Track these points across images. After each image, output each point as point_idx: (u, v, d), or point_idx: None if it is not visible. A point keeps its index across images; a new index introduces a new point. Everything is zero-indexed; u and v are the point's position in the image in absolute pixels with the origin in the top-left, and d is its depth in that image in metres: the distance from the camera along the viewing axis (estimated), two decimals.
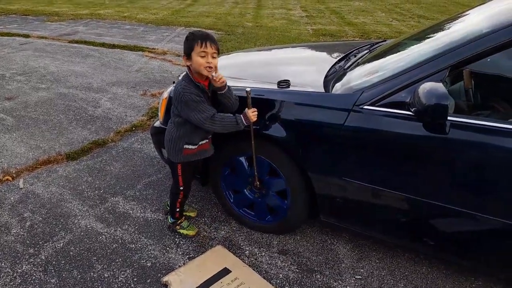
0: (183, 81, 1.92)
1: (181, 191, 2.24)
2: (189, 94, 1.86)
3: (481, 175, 1.62)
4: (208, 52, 1.83)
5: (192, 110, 1.87)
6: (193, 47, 1.84)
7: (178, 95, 1.90)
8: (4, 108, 4.31)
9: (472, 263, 1.85)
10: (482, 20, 1.84)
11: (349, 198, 1.96)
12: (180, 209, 2.34)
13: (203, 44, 1.83)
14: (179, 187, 2.21)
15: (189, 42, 1.86)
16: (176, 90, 1.92)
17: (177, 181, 2.20)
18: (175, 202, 2.30)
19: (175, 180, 2.22)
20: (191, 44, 1.85)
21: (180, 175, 2.17)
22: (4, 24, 9.27)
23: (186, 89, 1.87)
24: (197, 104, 1.86)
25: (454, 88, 2.18)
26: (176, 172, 2.16)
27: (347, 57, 2.51)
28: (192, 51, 1.84)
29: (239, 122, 1.89)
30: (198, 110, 1.87)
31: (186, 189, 2.26)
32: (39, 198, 2.74)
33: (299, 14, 11.24)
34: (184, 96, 1.86)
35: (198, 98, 1.87)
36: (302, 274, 2.11)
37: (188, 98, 1.86)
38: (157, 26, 9.27)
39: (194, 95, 1.86)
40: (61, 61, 6.22)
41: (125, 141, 3.60)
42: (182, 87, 1.89)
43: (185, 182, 2.21)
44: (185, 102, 1.87)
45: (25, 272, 2.10)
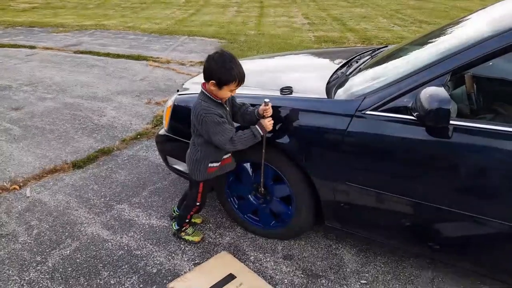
0: (203, 102, 1.86)
1: (197, 206, 2.25)
2: (212, 115, 1.81)
3: (485, 178, 1.63)
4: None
5: (213, 133, 1.84)
6: (229, 83, 1.79)
7: (199, 117, 1.84)
8: (11, 118, 4.37)
9: (478, 267, 1.84)
10: (483, 24, 1.86)
11: (353, 203, 1.97)
12: (189, 220, 2.35)
13: (239, 84, 1.81)
14: (196, 202, 2.22)
15: (227, 76, 1.77)
16: (196, 111, 1.87)
17: (196, 198, 2.20)
18: (187, 214, 2.31)
19: (193, 196, 2.21)
20: (229, 79, 1.77)
21: (200, 192, 2.17)
22: (11, 36, 9.41)
23: (208, 110, 1.82)
24: (219, 125, 1.83)
25: (456, 92, 2.19)
26: (197, 189, 2.16)
27: (349, 63, 2.53)
28: (226, 85, 1.79)
29: (256, 134, 1.88)
30: (220, 132, 1.83)
31: (201, 205, 2.27)
32: (46, 206, 2.77)
33: (301, 22, 11.31)
34: (207, 117, 1.81)
35: (220, 120, 1.83)
36: (307, 279, 2.11)
37: (210, 119, 1.81)
38: (160, 36, 9.37)
39: (216, 116, 1.82)
40: (67, 71, 6.30)
41: (130, 149, 3.63)
42: (203, 108, 1.83)
43: (203, 198, 2.23)
44: (206, 123, 1.83)
45: (32, 279, 2.12)
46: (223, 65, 1.76)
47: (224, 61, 1.76)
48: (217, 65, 1.76)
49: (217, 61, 1.77)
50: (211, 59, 1.79)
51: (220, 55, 1.79)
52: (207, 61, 1.81)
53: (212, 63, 1.78)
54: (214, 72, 1.78)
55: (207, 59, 1.82)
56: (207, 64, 1.81)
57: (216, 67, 1.77)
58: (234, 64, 1.78)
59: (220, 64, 1.76)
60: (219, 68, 1.76)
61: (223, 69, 1.76)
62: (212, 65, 1.78)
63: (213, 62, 1.78)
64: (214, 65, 1.77)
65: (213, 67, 1.77)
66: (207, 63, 1.81)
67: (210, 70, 1.79)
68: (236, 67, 1.78)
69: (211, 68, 1.78)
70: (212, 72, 1.78)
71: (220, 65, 1.76)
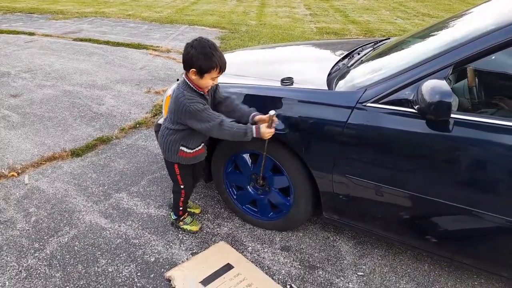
0: (185, 91, 1.80)
1: (182, 190, 2.22)
2: (195, 104, 1.77)
3: (484, 172, 1.62)
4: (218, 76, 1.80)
5: (199, 120, 1.80)
6: (210, 71, 1.75)
7: (181, 106, 1.80)
8: (10, 105, 4.34)
9: (474, 261, 1.85)
10: (486, 17, 1.83)
11: (351, 195, 1.97)
12: (183, 207, 2.33)
13: (221, 71, 1.77)
14: (180, 185, 2.20)
15: (207, 63, 1.73)
16: (177, 101, 1.82)
17: (177, 181, 2.18)
18: (178, 201, 2.29)
19: (174, 180, 2.20)
20: (209, 66, 1.73)
21: (178, 174, 2.14)
22: (10, 22, 9.32)
23: (190, 99, 1.78)
24: (202, 112, 1.79)
25: (457, 85, 2.18)
26: (174, 171, 2.13)
27: (350, 54, 2.52)
28: (208, 73, 1.75)
29: (248, 134, 1.82)
30: (205, 119, 1.79)
31: (187, 188, 2.24)
32: (44, 193, 2.77)
33: (302, 12, 11.22)
34: (190, 107, 1.77)
35: (202, 106, 1.80)
36: (305, 270, 2.12)
37: (193, 108, 1.77)
38: (161, 24, 9.29)
39: (199, 104, 1.79)
40: (66, 58, 6.25)
41: (129, 138, 3.62)
42: (186, 98, 1.78)
43: (184, 180, 2.18)
44: (190, 112, 1.79)
45: (30, 266, 2.13)
46: (203, 52, 1.71)
47: (203, 47, 1.71)
48: (197, 52, 1.71)
49: (196, 48, 1.71)
50: (190, 47, 1.73)
51: (199, 42, 1.73)
52: (186, 49, 1.75)
53: (191, 51, 1.72)
54: (195, 60, 1.72)
55: (186, 47, 1.76)
56: (186, 52, 1.75)
57: (196, 54, 1.71)
58: (214, 51, 1.72)
59: (200, 51, 1.70)
60: (199, 54, 1.70)
61: (203, 55, 1.71)
62: (192, 53, 1.71)
63: (192, 49, 1.71)
64: (193, 52, 1.71)
65: (193, 54, 1.71)
66: (185, 51, 1.75)
67: (190, 58, 1.73)
68: (217, 53, 1.73)
69: (190, 55, 1.72)
70: (192, 59, 1.72)
71: (199, 51, 1.70)
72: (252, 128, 1.82)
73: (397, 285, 2.03)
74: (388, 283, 2.04)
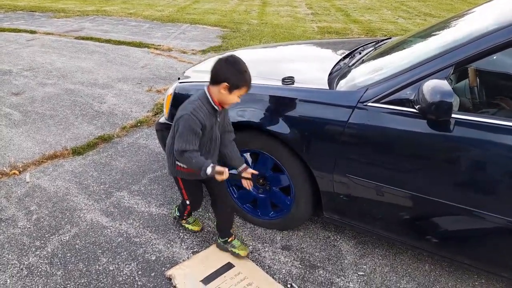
0: (198, 101, 1.75)
1: (188, 205, 2.17)
2: (194, 120, 1.71)
3: (485, 173, 1.62)
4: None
5: (180, 134, 1.74)
6: (241, 88, 1.71)
7: (184, 111, 1.75)
8: (12, 103, 4.35)
9: (475, 261, 1.85)
10: (488, 17, 1.83)
11: (352, 195, 1.97)
12: (188, 214, 2.32)
13: (248, 90, 1.75)
14: (185, 200, 2.14)
15: (241, 80, 1.69)
16: (184, 107, 1.77)
17: (182, 195, 2.13)
18: (183, 210, 2.27)
19: (180, 194, 2.15)
20: (242, 83, 1.70)
21: (182, 188, 2.08)
22: (11, 20, 9.33)
23: (196, 113, 1.72)
24: (189, 132, 1.73)
25: (459, 85, 2.18)
26: (179, 185, 2.08)
27: (351, 54, 2.51)
28: (238, 89, 1.71)
29: (203, 171, 1.74)
30: (184, 138, 1.73)
31: (193, 203, 2.18)
32: (46, 192, 2.78)
33: (304, 12, 11.21)
34: (190, 117, 1.71)
35: (196, 129, 1.73)
36: (305, 270, 2.12)
37: (188, 122, 1.71)
38: (162, 23, 9.29)
39: (197, 124, 1.72)
40: (68, 57, 6.26)
41: (131, 137, 3.62)
42: (193, 108, 1.73)
43: (190, 196, 2.11)
44: (183, 121, 1.72)
45: (31, 264, 2.13)
46: (237, 68, 1.69)
47: (238, 64, 1.69)
48: (232, 68, 1.68)
49: (231, 64, 1.69)
50: (224, 62, 1.70)
51: (233, 58, 1.70)
52: (219, 64, 1.71)
53: (225, 66, 1.69)
54: (229, 75, 1.68)
55: (218, 62, 1.72)
56: (218, 66, 1.71)
57: (230, 71, 1.69)
58: (246, 69, 1.71)
59: (235, 67, 1.69)
60: (234, 71, 1.68)
61: (238, 72, 1.69)
62: (225, 68, 1.69)
63: (226, 65, 1.69)
64: (227, 68, 1.69)
65: (226, 70, 1.69)
66: (218, 65, 1.71)
67: (222, 73, 1.69)
68: (248, 72, 1.71)
69: (223, 71, 1.69)
70: (225, 75, 1.68)
71: (235, 68, 1.69)
72: (211, 169, 1.74)
73: (397, 285, 2.03)
74: (388, 283, 2.04)
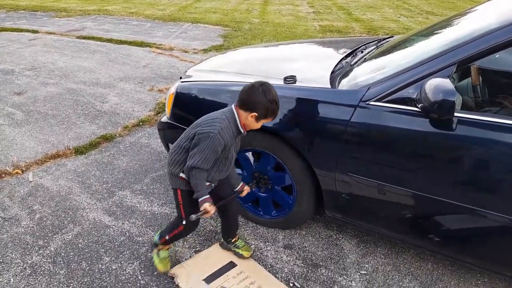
0: (226, 121, 1.69)
1: (181, 225, 1.92)
2: (220, 140, 1.66)
3: (488, 172, 1.62)
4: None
5: (201, 151, 1.67)
6: (268, 118, 1.69)
7: (209, 129, 1.66)
8: (14, 102, 4.36)
9: (477, 260, 1.85)
10: (490, 16, 1.83)
11: (354, 193, 1.97)
12: (169, 239, 2.01)
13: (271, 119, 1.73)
14: (182, 219, 1.90)
15: (271, 112, 1.66)
16: (210, 124, 1.69)
17: (179, 212, 1.91)
18: (172, 229, 1.99)
19: (177, 211, 1.95)
20: (269, 115, 1.67)
21: (181, 204, 1.88)
22: (13, 20, 9.34)
23: (222, 133, 1.67)
24: (211, 152, 1.67)
25: (461, 84, 2.17)
26: (177, 199, 1.88)
27: (353, 53, 2.51)
28: (265, 119, 1.69)
29: (197, 194, 1.73)
30: (203, 155, 1.67)
31: (187, 227, 1.94)
32: (48, 191, 2.78)
33: (306, 10, 11.19)
34: (215, 137, 1.65)
35: (218, 149, 1.68)
36: (307, 269, 2.12)
37: (214, 141, 1.65)
38: (164, 22, 9.29)
39: (221, 145, 1.67)
40: (69, 56, 6.27)
41: (133, 136, 3.63)
42: (221, 128, 1.66)
43: (188, 213, 1.84)
44: (208, 140, 1.65)
45: (35, 263, 2.14)
46: (271, 100, 1.64)
47: (272, 96, 1.64)
48: (264, 99, 1.63)
49: (266, 95, 1.63)
50: (260, 92, 1.63)
51: (269, 90, 1.65)
52: (252, 91, 1.65)
53: (258, 95, 1.63)
54: (261, 106, 1.64)
55: (251, 89, 1.65)
56: (254, 95, 1.64)
57: (263, 102, 1.63)
58: (277, 99, 1.67)
59: (269, 99, 1.63)
60: (267, 103, 1.63)
61: (270, 104, 1.64)
62: (259, 98, 1.63)
63: (261, 96, 1.63)
64: (260, 97, 1.63)
65: (261, 101, 1.63)
66: (252, 93, 1.64)
67: (255, 102, 1.64)
68: (278, 102, 1.68)
69: (257, 100, 1.63)
70: (258, 105, 1.64)
71: (269, 99, 1.63)
72: (203, 199, 1.72)
73: (400, 283, 2.03)
74: (391, 282, 2.04)
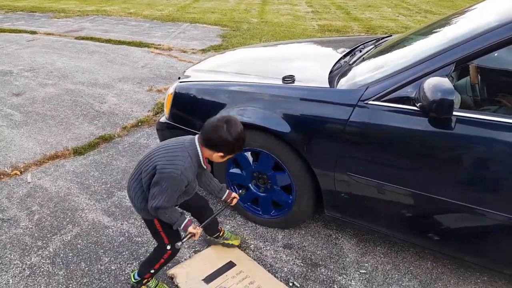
0: (189, 158, 1.59)
1: (168, 251, 1.82)
2: (183, 180, 1.57)
3: (487, 170, 1.62)
4: None
5: (161, 191, 1.57)
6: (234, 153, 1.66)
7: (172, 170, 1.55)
8: (12, 103, 4.35)
9: (477, 259, 1.85)
10: (489, 14, 1.83)
11: (353, 193, 1.97)
12: (155, 271, 1.89)
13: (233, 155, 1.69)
14: (165, 245, 1.79)
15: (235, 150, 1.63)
16: (172, 162, 1.57)
17: (161, 239, 1.79)
18: (156, 260, 1.86)
19: (158, 239, 1.81)
20: (233, 151, 1.63)
21: (161, 231, 1.77)
22: (12, 21, 9.33)
23: (186, 172, 1.57)
24: (173, 192, 1.59)
25: (460, 83, 2.17)
26: (155, 228, 1.76)
27: (352, 52, 2.51)
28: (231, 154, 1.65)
29: (176, 224, 1.67)
30: (166, 196, 1.58)
31: (173, 250, 1.82)
32: (47, 192, 2.78)
33: (304, 10, 11.19)
34: (177, 179, 1.56)
35: (181, 188, 1.62)
36: (307, 268, 2.12)
37: (177, 181, 1.56)
38: (162, 22, 9.29)
39: (184, 182, 1.59)
40: (68, 57, 6.26)
41: (132, 136, 3.62)
42: (184, 168, 1.56)
43: (170, 235, 1.78)
44: (170, 179, 1.56)
45: (33, 264, 2.14)
46: (236, 139, 1.59)
47: (238, 134, 1.59)
48: (231, 139, 1.57)
49: (231, 133, 1.57)
50: (222, 130, 1.56)
51: (234, 128, 1.58)
52: (217, 131, 1.57)
53: (224, 135, 1.56)
54: (226, 146, 1.59)
55: (216, 129, 1.57)
56: (218, 135, 1.57)
57: (230, 141, 1.57)
58: (244, 135, 1.62)
59: (234, 138, 1.58)
60: (233, 142, 1.58)
61: (236, 142, 1.60)
62: (225, 138, 1.56)
63: (227, 135, 1.56)
64: (227, 137, 1.56)
65: (226, 140, 1.57)
66: (217, 133, 1.57)
67: (221, 143, 1.58)
68: (244, 138, 1.63)
69: (223, 140, 1.57)
70: (224, 145, 1.59)
71: (234, 138, 1.57)
72: (183, 224, 1.68)
73: (399, 282, 2.03)
74: (390, 281, 2.04)
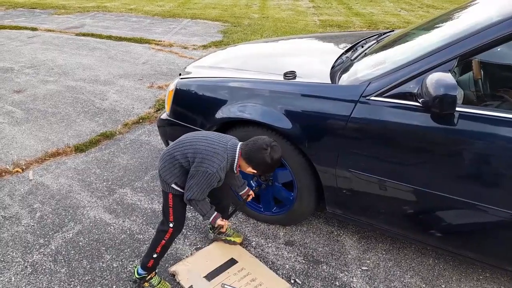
0: (225, 161, 1.77)
1: (170, 228, 1.90)
2: (217, 177, 1.76)
3: (489, 166, 1.61)
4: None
5: (197, 184, 1.76)
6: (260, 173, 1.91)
7: (208, 167, 1.72)
8: (13, 101, 4.35)
9: (479, 255, 1.84)
10: (492, 9, 1.80)
11: (355, 189, 1.96)
12: (158, 255, 1.92)
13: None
14: (169, 222, 1.90)
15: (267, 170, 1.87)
16: (211, 160, 1.72)
17: (167, 214, 1.90)
18: (158, 243, 1.91)
19: (165, 214, 1.93)
20: (265, 171, 1.89)
21: (171, 207, 1.89)
22: (12, 18, 9.32)
23: (220, 172, 1.76)
24: (207, 186, 1.78)
25: (463, 78, 2.15)
26: (167, 202, 1.89)
27: (354, 47, 2.49)
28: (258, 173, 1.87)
29: (205, 217, 1.89)
30: (200, 190, 1.78)
31: (175, 229, 1.92)
32: (49, 189, 2.78)
33: (306, 5, 11.13)
34: (212, 177, 1.74)
35: (214, 184, 1.79)
36: (308, 265, 2.12)
37: (211, 178, 1.75)
38: (163, 18, 9.26)
39: (218, 179, 1.78)
40: (69, 54, 6.25)
41: (133, 133, 3.62)
42: (220, 167, 1.75)
43: (176, 217, 1.90)
44: (204, 176, 1.74)
45: (35, 261, 2.14)
46: (273, 166, 1.82)
47: (277, 160, 1.80)
48: (271, 162, 1.77)
49: (272, 158, 1.77)
50: (266, 153, 1.75)
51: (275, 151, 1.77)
52: (260, 153, 1.76)
53: (266, 158, 1.76)
54: (263, 166, 1.80)
55: (260, 150, 1.76)
56: (259, 155, 1.76)
57: (268, 164, 1.78)
58: (280, 160, 1.84)
59: (272, 163, 1.79)
60: (271, 164, 1.79)
61: (271, 168, 1.84)
62: (265, 160, 1.76)
63: (267, 157, 1.75)
64: (267, 161, 1.76)
65: (265, 162, 1.77)
66: (260, 154, 1.76)
67: (260, 163, 1.79)
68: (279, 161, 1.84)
69: (262, 162, 1.78)
70: (262, 165, 1.80)
71: (272, 164, 1.79)
72: (213, 217, 1.89)
73: (401, 279, 2.03)
74: (392, 278, 2.04)
